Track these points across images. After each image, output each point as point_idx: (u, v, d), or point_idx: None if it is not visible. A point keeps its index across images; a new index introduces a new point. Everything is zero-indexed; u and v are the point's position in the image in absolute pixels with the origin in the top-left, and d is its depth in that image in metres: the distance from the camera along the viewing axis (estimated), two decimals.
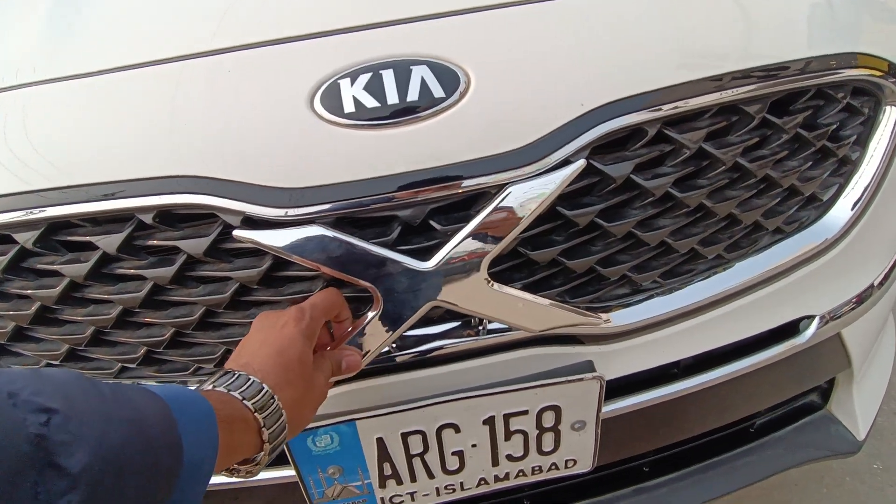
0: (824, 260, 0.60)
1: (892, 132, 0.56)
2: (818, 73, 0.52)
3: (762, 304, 0.60)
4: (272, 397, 0.38)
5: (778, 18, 0.53)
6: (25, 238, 0.47)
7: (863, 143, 0.58)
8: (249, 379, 0.39)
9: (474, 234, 0.46)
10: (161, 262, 0.48)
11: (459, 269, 0.46)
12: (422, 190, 0.45)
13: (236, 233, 0.44)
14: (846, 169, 0.58)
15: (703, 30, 0.51)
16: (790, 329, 0.63)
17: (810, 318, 0.62)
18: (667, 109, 0.48)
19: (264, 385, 0.39)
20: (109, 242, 0.46)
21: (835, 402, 0.78)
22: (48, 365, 0.53)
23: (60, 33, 0.53)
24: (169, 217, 0.47)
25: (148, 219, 0.46)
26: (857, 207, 0.58)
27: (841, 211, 0.58)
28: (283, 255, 0.44)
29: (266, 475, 0.57)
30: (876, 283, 0.66)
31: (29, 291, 0.49)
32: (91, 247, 0.47)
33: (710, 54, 0.50)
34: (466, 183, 0.46)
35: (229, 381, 0.38)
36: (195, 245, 0.46)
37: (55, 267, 0.47)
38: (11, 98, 0.49)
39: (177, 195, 0.45)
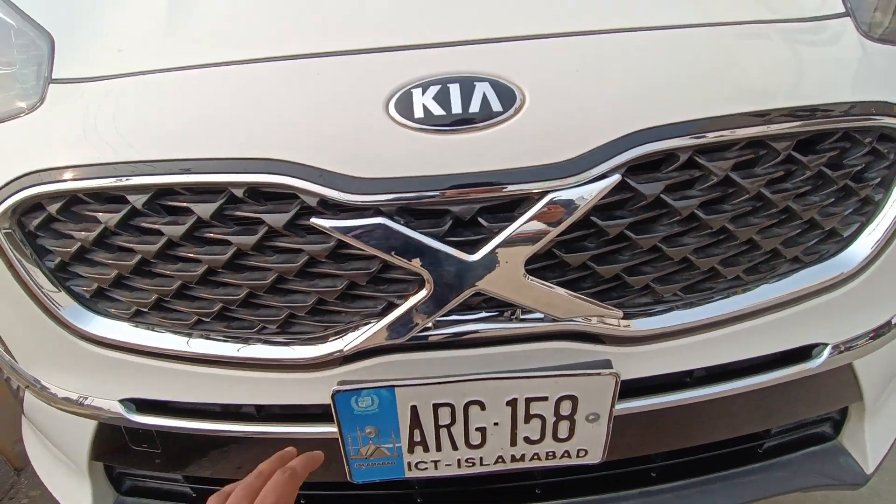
0: (841, 292, 0.64)
1: None
2: (855, 117, 0.57)
3: (777, 327, 0.64)
4: None
5: (824, 64, 0.58)
6: (137, 199, 0.56)
7: (887, 185, 0.61)
8: None
9: (516, 235, 0.52)
10: (245, 231, 0.56)
11: (500, 262, 0.53)
12: (473, 190, 0.52)
13: (314, 220, 0.52)
14: (869, 209, 0.62)
15: (750, 67, 0.56)
16: (803, 354, 0.66)
17: (823, 345, 0.66)
18: (709, 137, 0.53)
19: None
20: (205, 209, 0.55)
21: (846, 434, 0.81)
22: (137, 311, 0.62)
23: (181, 27, 0.62)
24: (255, 193, 0.55)
25: (239, 193, 0.54)
26: (876, 246, 0.62)
27: (861, 247, 0.62)
28: (351, 241, 0.52)
29: (310, 429, 0.64)
30: (894, 321, 0.69)
31: (133, 245, 0.57)
32: (188, 212, 0.56)
33: (757, 90, 0.55)
34: (512, 188, 0.52)
35: None
36: (277, 219, 0.54)
37: (158, 226, 0.56)
38: (142, 81, 0.58)
39: (266, 175, 0.53)
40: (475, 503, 0.76)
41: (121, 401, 0.66)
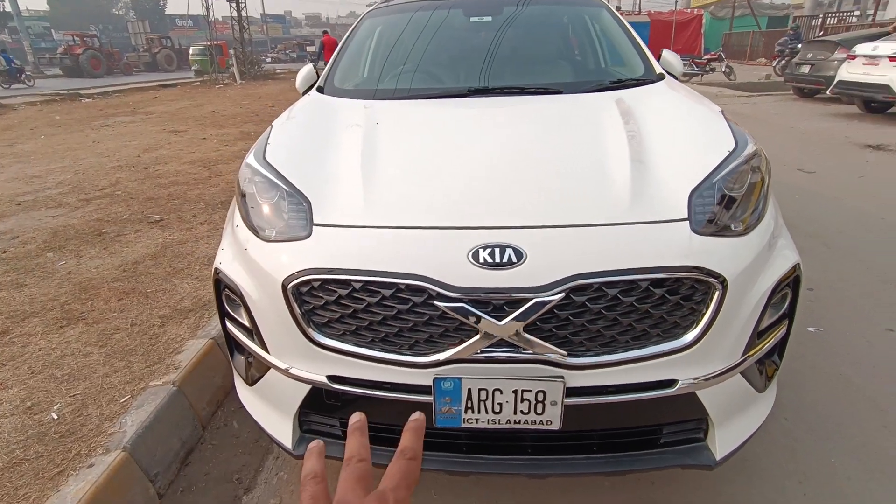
0: (683, 355, 1.28)
1: (715, 304, 1.25)
2: (683, 272, 1.23)
3: (653, 367, 1.28)
4: None
5: (670, 245, 1.26)
6: (357, 284, 1.28)
7: (705, 304, 1.27)
8: None
9: (519, 315, 1.21)
10: (402, 302, 1.27)
11: (512, 325, 1.21)
12: (502, 294, 1.21)
13: (436, 302, 1.22)
14: (697, 316, 1.27)
15: (630, 245, 1.25)
16: (667, 383, 1.30)
17: (677, 380, 1.30)
18: (604, 279, 1.21)
19: None
20: (387, 292, 1.26)
21: (709, 438, 1.42)
22: (343, 332, 1.35)
23: (369, 200, 1.37)
24: (409, 288, 1.26)
25: (403, 286, 1.26)
26: (699, 334, 1.26)
27: (690, 335, 1.27)
28: (450, 312, 1.22)
29: (413, 397, 1.32)
30: (715, 373, 1.32)
31: (350, 304, 1.30)
32: (378, 293, 1.27)
33: (633, 257, 1.23)
34: (517, 295, 1.21)
35: None
36: (417, 299, 1.25)
37: (364, 298, 1.28)
38: (355, 231, 1.33)
39: (416, 280, 1.24)
40: (493, 451, 1.41)
41: (327, 376, 1.38)
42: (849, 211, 4.29)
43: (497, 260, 1.22)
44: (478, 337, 1.23)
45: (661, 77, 2.26)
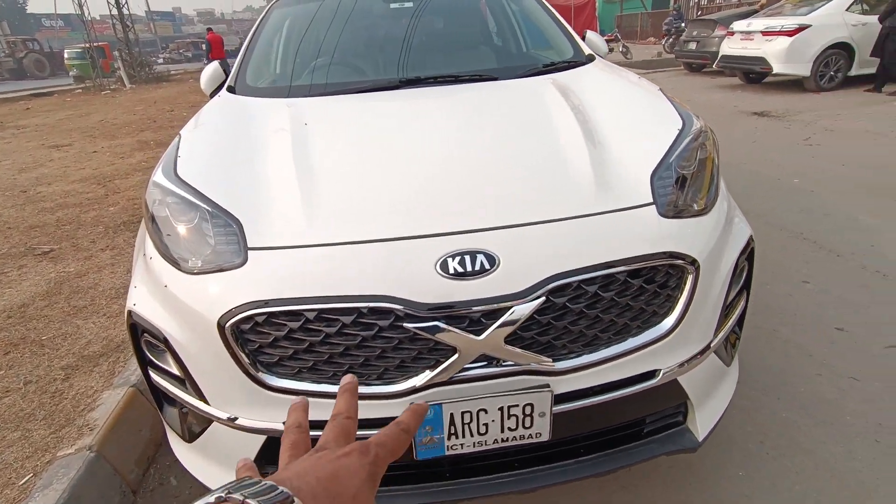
0: (663, 343, 1.24)
1: (689, 287, 1.22)
2: (656, 259, 1.18)
3: (635, 361, 1.23)
4: None
5: (640, 231, 1.20)
6: (309, 314, 1.11)
7: (679, 290, 1.23)
8: (278, 489, 0.31)
9: (499, 326, 1.10)
10: (365, 328, 1.12)
11: (492, 339, 1.10)
12: (477, 305, 1.10)
13: (405, 324, 1.08)
14: (672, 302, 1.23)
15: (603, 236, 1.17)
16: (650, 374, 1.26)
17: (659, 370, 1.26)
18: (584, 276, 1.13)
19: (295, 499, 0.31)
20: (347, 319, 1.10)
21: (689, 420, 1.40)
22: (298, 370, 1.16)
23: (312, 215, 1.19)
24: (372, 311, 1.11)
25: (365, 310, 1.10)
26: (676, 320, 1.23)
27: (668, 321, 1.23)
28: (422, 333, 1.08)
29: None
30: (692, 356, 1.30)
31: (304, 338, 1.12)
32: (337, 322, 1.11)
33: (607, 248, 1.16)
34: (495, 304, 1.10)
35: (252, 489, 0.31)
36: (384, 323, 1.10)
37: (322, 328, 1.11)
38: (300, 252, 1.15)
39: (379, 302, 1.09)
40: (478, 472, 1.30)
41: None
42: (750, 175, 4.62)
43: (468, 268, 1.10)
44: (456, 356, 1.11)
45: (590, 58, 2.23)
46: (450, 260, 1.11)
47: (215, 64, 2.39)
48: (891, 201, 3.77)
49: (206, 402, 1.25)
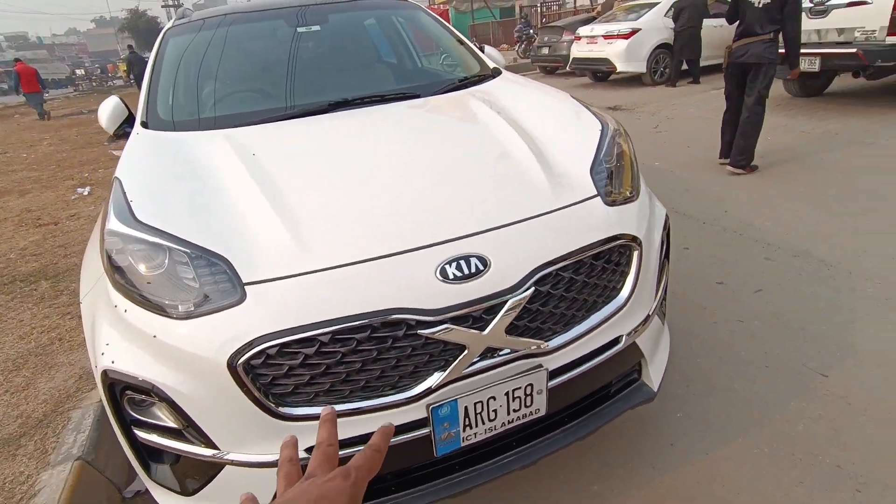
0: (623, 312, 1.46)
1: (636, 262, 1.45)
2: (609, 242, 1.39)
3: (605, 331, 1.44)
4: None
5: (592, 221, 1.41)
6: (323, 337, 1.14)
7: (628, 265, 1.46)
8: None
9: (499, 320, 1.23)
10: (380, 340, 1.18)
11: (495, 331, 1.23)
12: (479, 304, 1.22)
13: (419, 331, 1.16)
14: (625, 276, 1.46)
15: (564, 229, 1.36)
16: (616, 341, 1.48)
17: (623, 335, 1.48)
18: (559, 265, 1.31)
19: None
20: (363, 336, 1.16)
21: (644, 375, 1.66)
22: (315, 395, 1.19)
23: (303, 242, 1.23)
24: (384, 324, 1.18)
25: (378, 324, 1.16)
26: (629, 291, 1.46)
27: (624, 292, 1.46)
28: (436, 336, 1.17)
29: (407, 436, 1.25)
30: (643, 319, 1.55)
31: (321, 362, 1.15)
32: (351, 341, 1.16)
33: (568, 239, 1.35)
34: (494, 301, 1.23)
35: None
36: (398, 334, 1.17)
37: (337, 349, 1.15)
38: (303, 279, 1.17)
39: (388, 315, 1.16)
40: (483, 457, 1.42)
41: (305, 450, 1.20)
42: None
43: (465, 271, 1.22)
44: (466, 352, 1.22)
45: (497, 72, 2.45)
46: (447, 266, 1.21)
47: (115, 99, 2.20)
48: (725, 173, 4.56)
49: (215, 447, 1.21)
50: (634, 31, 9.69)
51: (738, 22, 4.25)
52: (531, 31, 17.09)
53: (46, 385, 2.28)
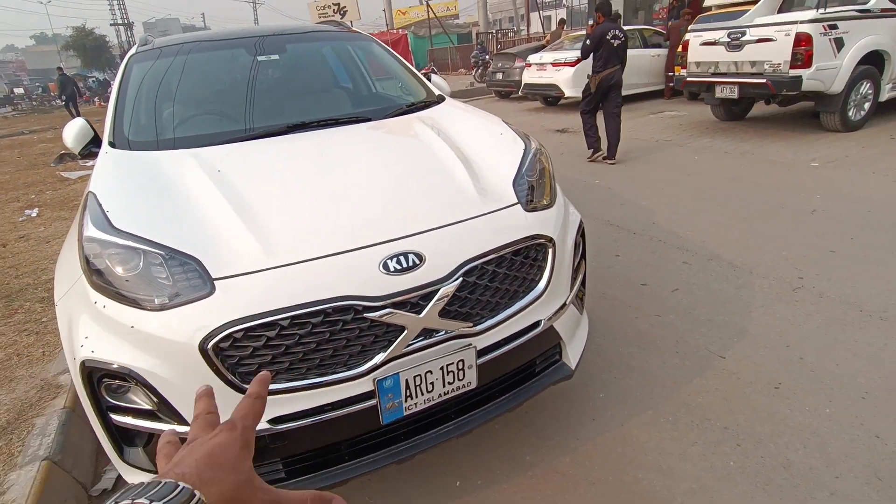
0: (542, 300, 1.73)
1: (551, 258, 1.74)
2: (527, 241, 1.67)
3: (525, 316, 1.70)
4: (192, 494, 0.36)
5: (513, 223, 1.69)
6: (283, 321, 1.35)
7: (544, 260, 1.74)
8: (162, 482, 0.36)
9: (433, 305, 1.47)
10: (332, 324, 1.40)
11: (430, 314, 1.47)
12: (415, 291, 1.46)
13: (366, 314, 1.39)
14: (542, 270, 1.74)
15: (490, 230, 1.63)
16: (536, 324, 1.74)
17: (541, 320, 1.75)
18: (483, 259, 1.57)
19: (180, 483, 0.36)
20: (317, 321, 1.37)
21: (563, 356, 1.93)
22: (276, 372, 1.39)
23: (266, 244, 1.45)
24: (335, 309, 1.40)
25: (330, 310, 1.38)
26: (546, 284, 1.73)
27: (541, 284, 1.73)
28: (380, 319, 1.40)
29: (356, 407, 1.46)
30: (559, 307, 1.83)
31: (282, 343, 1.36)
32: (308, 324, 1.37)
33: (491, 239, 1.62)
34: (428, 289, 1.47)
35: (147, 492, 0.35)
36: (346, 318, 1.39)
37: (295, 332, 1.36)
38: (267, 273, 1.39)
39: (339, 302, 1.39)
40: (426, 427, 1.64)
41: (268, 420, 1.40)
42: (563, 181, 5.69)
43: (404, 265, 1.46)
44: (405, 333, 1.45)
45: (441, 98, 2.75)
46: (389, 261, 1.45)
47: (80, 121, 2.35)
48: (656, 189, 5.03)
49: (186, 424, 1.39)
50: (579, 60, 10.34)
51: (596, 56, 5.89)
52: (487, 56, 17.80)
53: (8, 397, 2.35)
